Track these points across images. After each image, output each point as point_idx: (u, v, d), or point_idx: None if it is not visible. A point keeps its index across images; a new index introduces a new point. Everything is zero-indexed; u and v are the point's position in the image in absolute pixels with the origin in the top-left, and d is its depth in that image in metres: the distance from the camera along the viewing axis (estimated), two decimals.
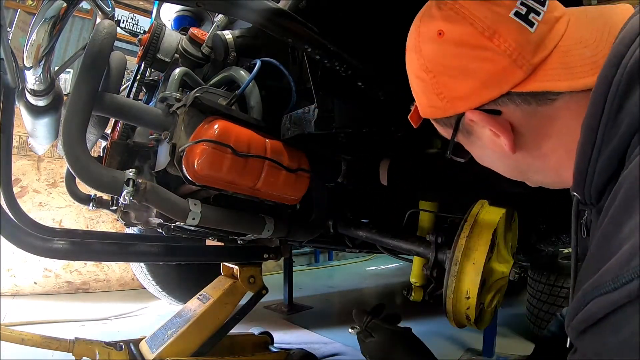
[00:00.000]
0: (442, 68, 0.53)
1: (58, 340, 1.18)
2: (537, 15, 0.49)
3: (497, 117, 0.51)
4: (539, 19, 0.49)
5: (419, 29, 0.56)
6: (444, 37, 0.52)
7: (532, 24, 0.48)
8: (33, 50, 0.77)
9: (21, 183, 2.59)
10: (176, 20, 1.41)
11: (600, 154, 0.44)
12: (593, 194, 0.46)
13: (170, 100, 0.96)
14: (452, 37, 0.51)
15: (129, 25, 3.49)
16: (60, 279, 2.68)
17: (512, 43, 0.48)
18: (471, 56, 0.50)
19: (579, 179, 0.47)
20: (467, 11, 0.50)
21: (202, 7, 0.74)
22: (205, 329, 1.29)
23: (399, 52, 0.89)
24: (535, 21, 0.49)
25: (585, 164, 0.46)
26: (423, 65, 0.55)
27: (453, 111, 0.54)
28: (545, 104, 0.49)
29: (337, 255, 4.42)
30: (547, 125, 0.50)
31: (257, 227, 1.09)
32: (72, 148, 0.81)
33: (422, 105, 0.60)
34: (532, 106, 0.50)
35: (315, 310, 2.52)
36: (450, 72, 0.52)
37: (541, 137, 0.52)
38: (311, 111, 0.90)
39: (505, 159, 0.56)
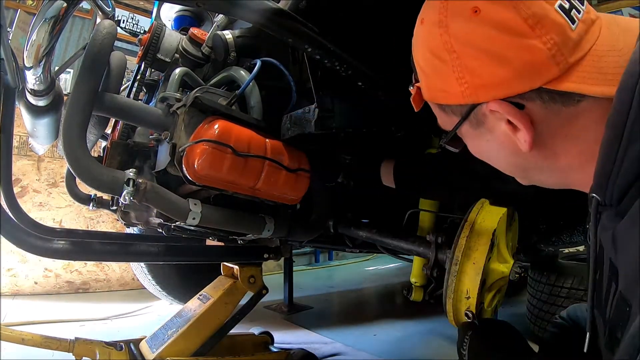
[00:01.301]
0: (471, 50, 0.47)
1: (58, 340, 1.18)
2: (578, 13, 0.46)
3: (521, 111, 0.48)
4: (580, 18, 0.46)
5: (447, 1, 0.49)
6: (480, 15, 0.46)
7: (574, 21, 0.46)
8: (33, 50, 0.77)
9: (21, 183, 2.59)
10: (176, 20, 1.41)
11: (627, 153, 0.41)
12: (615, 194, 0.43)
13: (171, 100, 0.96)
14: (491, 18, 0.46)
15: (129, 25, 3.49)
16: (60, 279, 2.68)
17: (554, 36, 0.45)
18: (509, 43, 0.45)
19: (601, 180, 0.44)
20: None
21: (202, 7, 0.74)
22: (205, 329, 1.29)
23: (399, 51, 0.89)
24: (577, 19, 0.46)
25: (611, 163, 0.43)
26: (447, 44, 0.49)
27: (472, 99, 0.49)
28: (570, 105, 0.47)
29: (337, 255, 4.42)
30: (567, 125, 0.48)
31: (257, 227, 1.09)
32: (72, 148, 0.81)
33: (431, 88, 0.54)
34: (557, 105, 0.47)
35: (315, 310, 2.52)
36: (480, 56, 0.47)
37: (559, 138, 0.49)
38: (311, 111, 0.90)
39: (513, 156, 0.53)
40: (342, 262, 4.37)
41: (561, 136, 0.49)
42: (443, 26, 0.49)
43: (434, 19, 0.50)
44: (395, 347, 1.89)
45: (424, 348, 1.91)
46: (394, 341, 1.97)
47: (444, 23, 0.49)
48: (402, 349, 1.88)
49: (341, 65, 0.81)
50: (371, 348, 1.83)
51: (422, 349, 1.89)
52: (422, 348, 1.91)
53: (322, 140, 1.00)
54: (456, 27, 0.48)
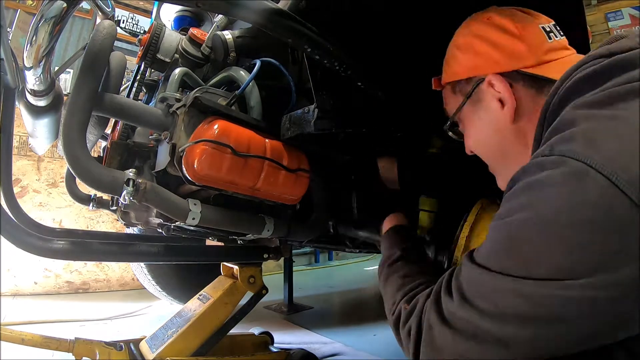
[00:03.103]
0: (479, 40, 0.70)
1: (58, 340, 1.18)
2: (555, 37, 0.68)
3: (509, 88, 0.66)
4: (556, 39, 0.68)
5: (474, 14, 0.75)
6: (490, 21, 0.70)
7: (550, 38, 0.67)
8: (33, 51, 0.77)
9: (21, 183, 2.59)
10: (176, 21, 1.41)
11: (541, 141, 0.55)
12: None
13: (170, 100, 0.96)
14: (496, 22, 0.69)
15: (129, 25, 3.49)
16: (60, 279, 2.68)
17: (533, 39, 0.66)
18: (503, 37, 0.67)
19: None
20: (510, 13, 0.70)
21: (202, 8, 0.74)
22: (205, 328, 1.29)
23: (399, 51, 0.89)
24: (553, 38, 0.67)
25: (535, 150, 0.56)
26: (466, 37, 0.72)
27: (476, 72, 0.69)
28: (542, 94, 0.64)
29: (337, 255, 4.42)
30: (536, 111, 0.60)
31: (257, 227, 1.09)
32: (72, 148, 0.81)
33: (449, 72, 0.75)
34: (532, 91, 0.65)
35: (315, 310, 2.52)
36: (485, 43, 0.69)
37: (530, 121, 0.63)
38: (311, 111, 0.90)
39: (498, 132, 0.68)
40: (342, 262, 4.37)
41: (531, 121, 0.63)
42: (466, 27, 0.74)
43: (463, 26, 0.75)
44: (395, 347, 1.87)
45: None
46: (394, 341, 1.96)
47: (468, 25, 0.74)
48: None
49: (341, 66, 0.81)
50: (371, 348, 1.83)
51: None
52: None
53: (322, 140, 1.00)
54: (474, 27, 0.72)
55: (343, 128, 0.91)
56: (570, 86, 0.53)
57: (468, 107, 0.72)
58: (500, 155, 0.71)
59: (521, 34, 0.66)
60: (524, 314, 0.45)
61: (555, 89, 0.55)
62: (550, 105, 0.55)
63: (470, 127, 0.75)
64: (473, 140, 0.75)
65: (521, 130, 0.66)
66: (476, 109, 0.71)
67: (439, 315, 0.54)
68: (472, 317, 0.49)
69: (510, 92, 0.65)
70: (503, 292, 0.47)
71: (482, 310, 0.49)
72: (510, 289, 0.46)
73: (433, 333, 0.54)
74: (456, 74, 0.73)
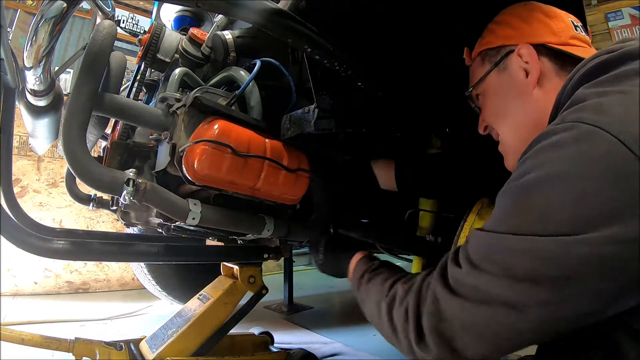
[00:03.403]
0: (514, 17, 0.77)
1: (58, 340, 1.18)
2: (580, 32, 0.74)
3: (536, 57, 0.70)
4: (581, 34, 0.74)
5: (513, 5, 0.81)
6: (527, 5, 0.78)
7: (576, 29, 0.74)
8: (33, 51, 0.77)
9: (21, 183, 2.59)
10: (176, 21, 1.41)
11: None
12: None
13: (170, 100, 0.96)
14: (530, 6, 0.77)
15: (129, 25, 3.49)
16: (60, 279, 2.68)
17: (562, 24, 0.73)
18: (536, 18, 0.74)
19: None
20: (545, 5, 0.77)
21: (202, 8, 0.74)
22: (205, 328, 1.29)
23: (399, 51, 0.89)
24: (579, 31, 0.74)
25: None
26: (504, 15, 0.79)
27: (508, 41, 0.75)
28: (563, 71, 0.69)
29: None
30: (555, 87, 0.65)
31: (257, 227, 1.09)
32: (72, 148, 0.81)
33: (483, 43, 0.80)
34: (556, 66, 0.70)
35: (315, 310, 2.52)
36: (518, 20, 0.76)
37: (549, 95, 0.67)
38: (311, 111, 0.90)
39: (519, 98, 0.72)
40: None
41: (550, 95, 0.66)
42: (506, 9, 0.80)
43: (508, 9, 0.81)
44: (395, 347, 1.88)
45: None
46: None
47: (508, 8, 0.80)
48: None
49: (341, 66, 0.81)
50: (371, 348, 1.83)
51: None
52: None
53: (322, 140, 1.00)
54: (513, 8, 0.79)
55: (343, 128, 0.91)
56: (584, 72, 0.57)
57: (493, 76, 0.77)
58: (515, 126, 0.74)
59: (552, 17, 0.74)
60: (536, 273, 0.45)
61: (572, 75, 0.59)
62: (566, 88, 0.59)
63: (490, 96, 0.78)
64: (491, 111, 0.79)
65: (539, 101, 0.69)
66: (501, 78, 0.75)
67: (445, 286, 0.53)
68: (482, 282, 0.49)
69: (537, 60, 0.70)
70: (514, 252, 0.47)
71: (493, 273, 0.48)
72: (522, 248, 0.46)
73: (440, 305, 0.53)
74: (489, 43, 0.78)
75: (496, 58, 0.76)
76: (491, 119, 0.79)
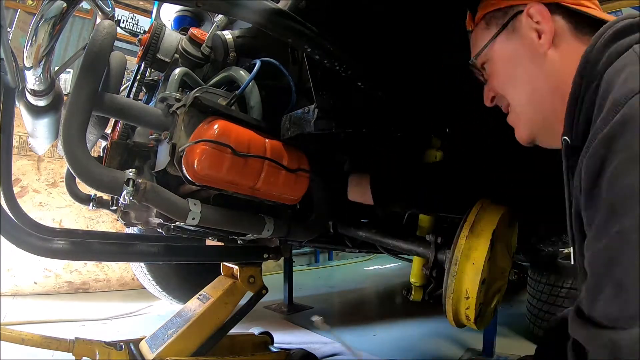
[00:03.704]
0: None
1: (58, 340, 1.18)
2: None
3: (550, 15, 0.66)
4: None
5: None
6: None
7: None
8: (33, 51, 0.77)
9: (21, 183, 2.59)
10: (176, 20, 1.41)
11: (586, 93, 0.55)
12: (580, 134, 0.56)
13: (170, 100, 0.96)
14: None
15: (129, 25, 3.49)
16: (60, 279, 2.68)
17: None
18: None
19: (568, 121, 0.58)
20: None
21: (202, 8, 0.74)
22: (205, 328, 1.29)
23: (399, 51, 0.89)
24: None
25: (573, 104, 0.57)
26: None
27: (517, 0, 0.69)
28: (579, 34, 0.65)
29: (337, 255, 4.42)
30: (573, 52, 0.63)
31: (257, 227, 1.09)
32: (72, 148, 0.81)
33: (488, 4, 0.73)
34: (570, 25, 0.66)
35: (315, 310, 2.52)
36: None
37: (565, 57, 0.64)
38: (311, 111, 0.90)
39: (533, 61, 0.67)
40: (342, 262, 4.37)
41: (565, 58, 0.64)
42: None
43: None
44: (395, 347, 1.89)
45: (424, 348, 1.91)
46: (394, 341, 1.97)
47: None
48: (402, 348, 1.88)
49: (341, 66, 0.81)
50: (371, 348, 1.83)
51: (422, 349, 1.89)
52: (421, 348, 1.91)
53: (322, 140, 1.00)
54: None
55: (343, 128, 0.91)
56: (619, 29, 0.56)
57: (501, 40, 0.71)
58: (529, 93, 0.69)
59: None
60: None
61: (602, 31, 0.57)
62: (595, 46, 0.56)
63: (499, 62, 0.73)
64: (500, 79, 0.73)
65: (555, 64, 0.65)
66: (510, 41, 0.70)
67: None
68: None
69: (550, 19, 0.65)
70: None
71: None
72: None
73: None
74: (494, 4, 0.72)
75: (503, 20, 0.70)
76: (501, 87, 0.73)
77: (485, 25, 0.74)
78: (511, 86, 0.72)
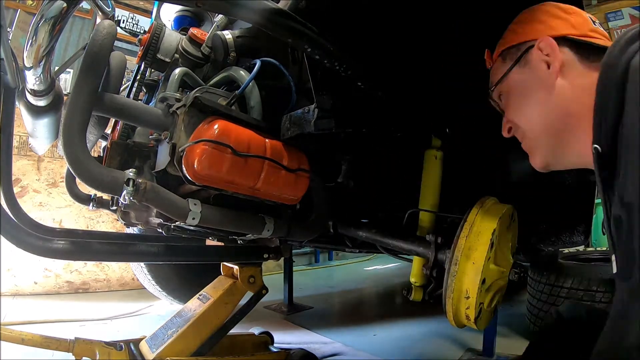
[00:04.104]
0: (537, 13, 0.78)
1: (58, 340, 1.18)
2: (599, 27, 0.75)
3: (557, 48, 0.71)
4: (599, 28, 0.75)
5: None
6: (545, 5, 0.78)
7: (595, 24, 0.75)
8: (33, 51, 0.77)
9: (21, 183, 2.59)
10: (176, 20, 1.41)
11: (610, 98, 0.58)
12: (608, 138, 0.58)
13: (170, 100, 0.96)
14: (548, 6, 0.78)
15: (129, 25, 3.49)
16: (60, 279, 2.68)
17: (581, 19, 0.75)
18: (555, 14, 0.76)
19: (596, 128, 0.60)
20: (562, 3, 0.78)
21: (202, 7, 0.74)
22: (205, 328, 1.29)
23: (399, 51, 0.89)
24: (597, 26, 0.75)
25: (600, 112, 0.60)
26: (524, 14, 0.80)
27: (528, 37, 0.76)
28: (586, 61, 0.70)
29: (337, 255, 4.43)
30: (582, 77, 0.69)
31: (257, 227, 1.09)
32: (72, 148, 0.81)
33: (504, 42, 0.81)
34: (577, 56, 0.71)
35: (315, 310, 2.52)
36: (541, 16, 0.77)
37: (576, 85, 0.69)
38: (311, 111, 0.90)
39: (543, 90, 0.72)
40: (342, 262, 4.37)
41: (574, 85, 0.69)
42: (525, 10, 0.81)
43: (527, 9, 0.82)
44: (395, 347, 1.89)
45: (424, 348, 1.91)
46: (394, 341, 1.97)
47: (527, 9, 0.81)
48: (402, 348, 1.88)
49: (341, 66, 0.81)
50: (371, 348, 1.83)
51: (422, 349, 1.89)
52: (421, 348, 1.91)
53: (322, 140, 1.00)
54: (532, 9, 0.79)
55: (343, 128, 0.91)
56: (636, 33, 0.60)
57: (515, 73, 0.77)
58: (542, 120, 0.74)
59: (571, 13, 0.75)
60: None
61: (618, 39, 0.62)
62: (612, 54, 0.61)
63: (513, 93, 0.79)
64: (514, 108, 0.79)
65: (564, 92, 0.70)
66: (523, 73, 0.76)
67: None
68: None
69: (557, 50, 0.71)
70: None
71: None
72: None
73: None
74: (510, 42, 0.79)
75: (517, 55, 0.77)
76: (516, 116, 0.79)
77: (502, 60, 0.81)
78: (524, 115, 0.77)
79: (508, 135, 0.82)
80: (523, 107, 0.77)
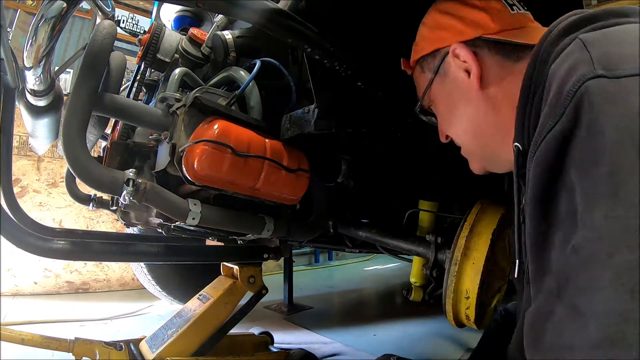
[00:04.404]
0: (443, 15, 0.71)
1: (58, 340, 1.18)
2: (518, 10, 0.68)
3: (473, 54, 0.66)
4: (520, 12, 0.68)
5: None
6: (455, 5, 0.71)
7: (512, 9, 0.68)
8: (33, 51, 0.77)
9: (21, 183, 2.59)
10: (176, 21, 1.41)
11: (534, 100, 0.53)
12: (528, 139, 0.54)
13: (170, 100, 0.96)
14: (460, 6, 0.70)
15: (129, 25, 3.49)
16: (60, 279, 2.68)
17: (495, 9, 0.67)
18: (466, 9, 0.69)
19: (519, 129, 0.56)
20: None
21: (202, 8, 0.74)
22: (205, 329, 1.30)
23: (399, 51, 0.89)
24: (516, 10, 0.68)
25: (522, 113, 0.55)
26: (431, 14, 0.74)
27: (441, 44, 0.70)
28: (509, 60, 0.64)
29: (337, 255, 4.42)
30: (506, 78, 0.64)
31: (257, 227, 1.09)
32: (72, 148, 0.81)
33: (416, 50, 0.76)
34: (498, 57, 0.65)
35: (315, 310, 2.52)
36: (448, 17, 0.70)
37: (500, 88, 0.64)
38: (311, 111, 0.90)
39: (468, 102, 0.67)
40: (342, 262, 4.37)
41: (501, 87, 0.64)
42: (433, 6, 0.75)
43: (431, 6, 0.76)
44: (395, 347, 1.89)
45: (424, 348, 1.91)
46: (394, 341, 1.97)
47: (434, 5, 0.75)
48: (402, 348, 1.88)
49: (341, 66, 0.81)
50: (371, 348, 1.83)
51: (422, 349, 1.89)
52: (421, 348, 1.91)
53: (322, 140, 1.00)
54: (439, 4, 0.74)
55: (343, 128, 0.91)
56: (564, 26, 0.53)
57: (437, 84, 0.72)
58: (472, 131, 0.69)
59: (483, 6, 0.68)
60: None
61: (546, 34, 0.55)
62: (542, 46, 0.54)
63: (440, 105, 0.74)
64: (445, 120, 0.74)
65: (491, 98, 0.65)
66: (444, 84, 0.71)
67: None
68: None
69: (474, 57, 0.65)
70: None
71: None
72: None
73: None
74: (423, 49, 0.73)
75: (434, 64, 0.71)
76: (446, 128, 0.74)
77: (421, 70, 0.76)
78: (453, 127, 0.72)
79: (446, 141, 0.77)
80: (451, 119, 0.72)
